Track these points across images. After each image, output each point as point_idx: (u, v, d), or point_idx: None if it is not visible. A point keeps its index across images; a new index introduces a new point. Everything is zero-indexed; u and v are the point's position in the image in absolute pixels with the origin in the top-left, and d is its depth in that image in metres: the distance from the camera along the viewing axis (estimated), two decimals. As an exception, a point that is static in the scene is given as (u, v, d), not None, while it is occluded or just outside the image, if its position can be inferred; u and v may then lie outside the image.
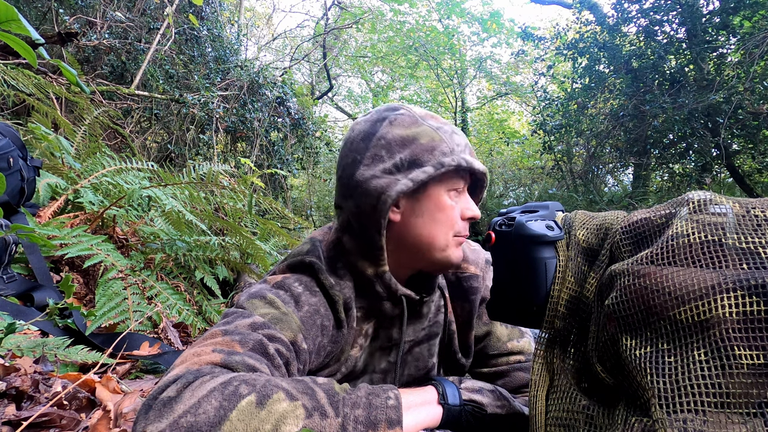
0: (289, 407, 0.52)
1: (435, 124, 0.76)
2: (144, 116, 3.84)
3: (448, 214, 0.74)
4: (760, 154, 5.64)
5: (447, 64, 10.74)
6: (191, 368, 0.55)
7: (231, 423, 0.49)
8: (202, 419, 0.48)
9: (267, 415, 0.50)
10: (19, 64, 2.45)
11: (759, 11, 4.84)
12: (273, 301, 0.71)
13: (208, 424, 0.48)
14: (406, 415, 0.58)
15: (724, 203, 0.43)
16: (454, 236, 0.75)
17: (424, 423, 0.63)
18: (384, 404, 0.57)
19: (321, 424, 0.52)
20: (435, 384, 0.70)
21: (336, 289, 0.76)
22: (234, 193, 2.28)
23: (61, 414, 0.71)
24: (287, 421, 0.51)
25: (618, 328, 0.42)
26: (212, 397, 0.50)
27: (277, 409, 0.51)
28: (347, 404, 0.55)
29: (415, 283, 0.80)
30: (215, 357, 0.58)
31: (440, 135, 0.74)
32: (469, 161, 0.73)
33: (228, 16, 5.74)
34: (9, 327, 0.94)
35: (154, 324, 1.35)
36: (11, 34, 0.59)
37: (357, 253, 0.77)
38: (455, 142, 0.74)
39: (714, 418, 0.35)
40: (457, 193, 0.75)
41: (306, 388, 0.55)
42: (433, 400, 0.66)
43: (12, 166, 1.36)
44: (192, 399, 0.50)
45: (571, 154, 8.43)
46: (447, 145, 0.73)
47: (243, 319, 0.66)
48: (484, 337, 0.89)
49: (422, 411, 0.64)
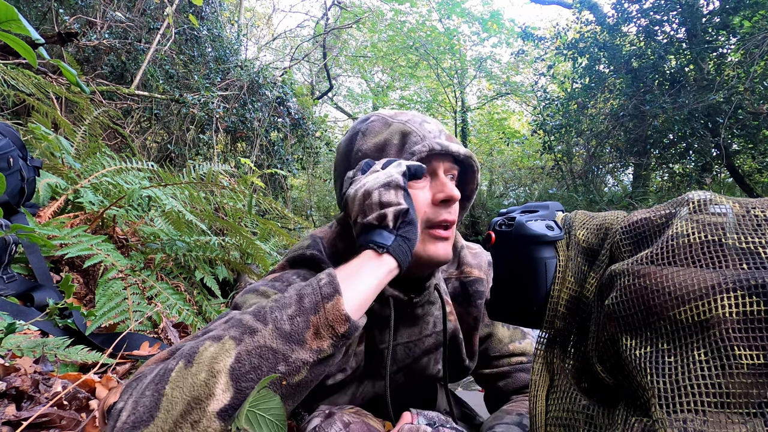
0: (217, 348, 0.51)
1: (404, 119, 0.76)
2: (144, 116, 3.84)
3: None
4: (760, 154, 5.64)
5: (447, 64, 10.74)
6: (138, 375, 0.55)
7: (167, 397, 0.48)
8: (140, 411, 0.48)
9: (198, 367, 0.50)
10: (19, 64, 2.45)
11: (759, 11, 4.84)
12: (265, 291, 0.71)
13: (147, 412, 0.48)
14: (345, 283, 0.57)
15: (724, 203, 0.43)
16: (429, 227, 0.73)
17: (377, 281, 0.60)
18: (316, 288, 0.56)
19: (253, 341, 0.52)
20: (362, 246, 0.64)
21: None
22: (234, 193, 2.28)
23: (61, 414, 0.71)
24: (219, 359, 0.50)
25: (618, 328, 0.42)
26: (146, 390, 0.50)
27: (206, 356, 0.51)
28: (275, 310, 0.55)
29: (405, 284, 0.79)
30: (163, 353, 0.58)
31: (410, 127, 0.74)
32: (443, 145, 0.72)
33: (228, 16, 5.73)
34: (9, 327, 0.94)
35: (154, 324, 1.35)
36: (11, 34, 0.59)
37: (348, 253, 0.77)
38: (426, 130, 0.75)
39: (714, 418, 0.35)
40: (420, 180, 0.73)
41: (233, 323, 0.55)
42: (372, 255, 0.62)
43: (12, 166, 1.36)
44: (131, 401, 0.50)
45: (571, 154, 8.43)
46: (417, 135, 0.74)
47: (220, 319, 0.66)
48: (485, 339, 0.89)
49: (367, 271, 0.61)
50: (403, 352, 0.82)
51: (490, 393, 0.92)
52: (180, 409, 0.48)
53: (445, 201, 0.73)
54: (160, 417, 0.48)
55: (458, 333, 0.84)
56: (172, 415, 0.48)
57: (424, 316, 0.82)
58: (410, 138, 0.73)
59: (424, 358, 0.83)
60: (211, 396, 0.48)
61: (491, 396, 0.92)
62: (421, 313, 0.81)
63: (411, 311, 0.80)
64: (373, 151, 0.75)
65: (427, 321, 0.82)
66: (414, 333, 0.82)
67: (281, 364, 0.52)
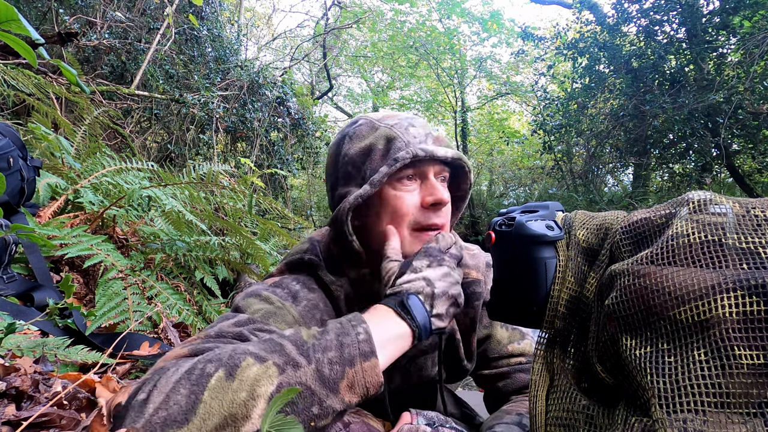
0: (260, 370, 0.51)
1: (391, 122, 0.76)
2: (144, 116, 3.84)
3: (395, 206, 0.73)
4: (760, 154, 5.65)
5: (447, 64, 10.74)
6: (157, 367, 0.55)
7: (205, 405, 0.48)
8: (174, 410, 0.48)
9: (239, 384, 0.50)
10: (19, 64, 2.45)
11: (759, 11, 4.84)
12: (268, 297, 0.71)
13: (182, 413, 0.48)
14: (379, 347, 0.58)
15: (724, 203, 0.43)
16: (414, 230, 0.74)
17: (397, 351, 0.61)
18: (355, 340, 0.57)
19: (295, 375, 0.52)
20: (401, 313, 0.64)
21: (336, 285, 0.77)
22: (234, 193, 2.28)
23: (61, 414, 0.71)
24: (261, 383, 0.50)
25: (618, 328, 0.42)
26: (180, 386, 0.50)
27: (248, 375, 0.50)
28: (318, 350, 0.55)
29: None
30: (182, 351, 0.57)
31: (395, 132, 0.74)
32: (428, 150, 0.72)
33: (228, 16, 5.73)
34: (9, 327, 0.94)
35: (154, 324, 1.35)
36: (11, 34, 0.59)
37: (341, 258, 0.79)
38: (411, 135, 0.75)
39: (714, 418, 0.35)
40: (410, 182, 0.74)
41: (274, 346, 0.55)
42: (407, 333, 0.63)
43: (12, 166, 1.36)
44: (160, 395, 0.49)
45: (571, 154, 8.43)
46: (402, 140, 0.73)
47: (228, 320, 0.66)
48: (484, 341, 0.88)
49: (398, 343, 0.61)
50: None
51: (490, 394, 0.92)
52: (216, 422, 0.48)
53: (434, 204, 0.74)
54: (195, 423, 0.47)
55: (456, 334, 0.84)
56: (207, 425, 0.47)
57: None
58: (395, 144, 0.73)
59: (420, 358, 0.83)
60: (247, 418, 0.48)
61: (491, 397, 0.92)
62: None
63: None
64: (359, 156, 0.75)
65: None
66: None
67: (315, 407, 0.52)
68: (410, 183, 0.74)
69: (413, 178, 0.75)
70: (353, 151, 0.76)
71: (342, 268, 0.80)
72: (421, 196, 0.74)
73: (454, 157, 0.75)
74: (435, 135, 0.77)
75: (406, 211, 0.73)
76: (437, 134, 0.78)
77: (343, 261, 0.79)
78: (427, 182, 0.75)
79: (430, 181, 0.75)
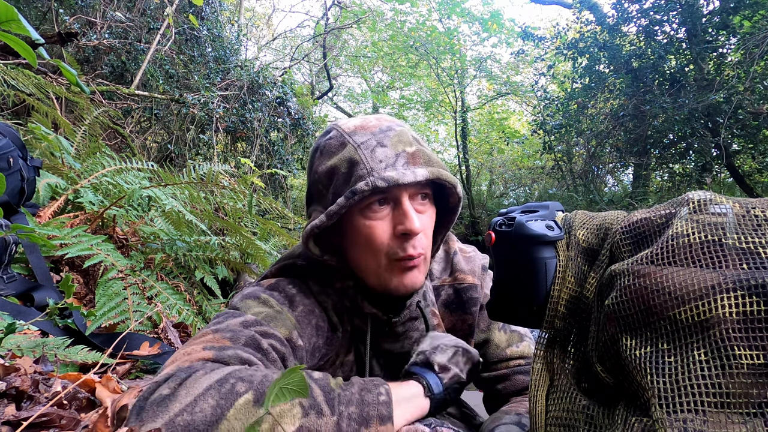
0: (286, 406, 0.51)
1: (360, 140, 0.69)
2: (144, 116, 3.84)
3: (367, 235, 0.69)
4: (760, 154, 5.65)
5: (447, 64, 10.73)
6: (182, 366, 0.55)
7: (228, 422, 0.48)
8: (198, 418, 0.48)
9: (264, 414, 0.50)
10: (19, 64, 2.45)
11: (759, 11, 4.84)
12: (267, 300, 0.71)
13: (205, 424, 0.48)
14: (396, 410, 0.58)
15: (724, 203, 0.43)
16: (394, 260, 0.69)
17: (412, 417, 0.62)
18: (376, 400, 0.57)
19: (317, 423, 0.52)
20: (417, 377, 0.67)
21: (323, 296, 0.77)
22: (234, 193, 2.28)
23: (61, 414, 0.71)
24: (284, 420, 0.50)
25: (618, 328, 0.42)
26: (208, 395, 0.50)
27: (274, 407, 0.51)
28: (342, 401, 0.55)
29: (384, 302, 0.78)
30: (206, 354, 0.57)
31: (359, 155, 0.67)
32: (391, 179, 0.64)
33: (228, 16, 5.73)
34: (9, 327, 0.94)
35: (154, 324, 1.35)
36: (11, 34, 0.59)
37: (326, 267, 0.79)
38: (377, 159, 0.67)
39: (714, 418, 0.35)
40: (381, 207, 0.69)
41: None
42: (420, 393, 0.65)
43: (12, 166, 1.36)
44: (188, 397, 0.49)
45: (571, 154, 8.43)
46: (364, 166, 0.66)
47: (234, 318, 0.66)
48: (482, 345, 0.88)
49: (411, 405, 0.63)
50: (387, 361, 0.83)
51: (489, 395, 0.92)
52: None
53: (405, 234, 0.68)
54: None
55: None
56: None
57: (406, 332, 0.81)
58: (356, 170, 0.66)
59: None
60: None
61: (490, 398, 0.92)
62: (402, 330, 0.80)
63: (390, 329, 0.80)
64: (325, 176, 0.71)
65: (410, 336, 0.82)
66: (396, 347, 0.82)
67: None
68: (381, 209, 0.69)
69: (385, 202, 0.69)
70: (321, 169, 0.72)
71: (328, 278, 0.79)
72: (392, 224, 0.69)
73: (429, 178, 0.67)
74: (410, 152, 0.69)
75: (380, 242, 0.69)
76: (414, 150, 0.69)
77: (327, 271, 0.78)
78: (399, 209, 0.68)
79: (403, 207, 0.68)
